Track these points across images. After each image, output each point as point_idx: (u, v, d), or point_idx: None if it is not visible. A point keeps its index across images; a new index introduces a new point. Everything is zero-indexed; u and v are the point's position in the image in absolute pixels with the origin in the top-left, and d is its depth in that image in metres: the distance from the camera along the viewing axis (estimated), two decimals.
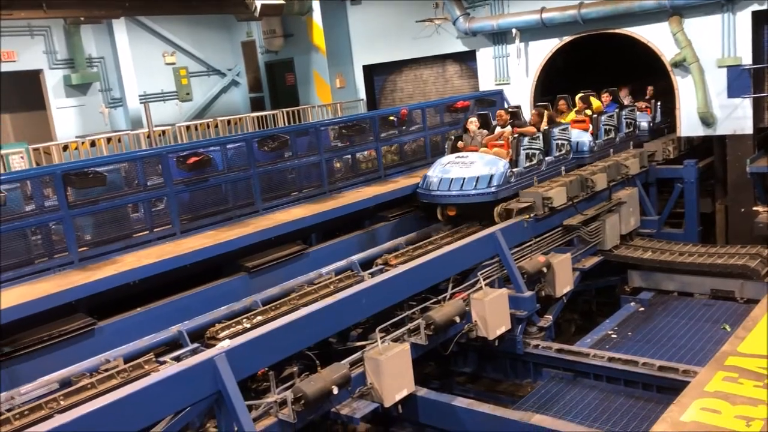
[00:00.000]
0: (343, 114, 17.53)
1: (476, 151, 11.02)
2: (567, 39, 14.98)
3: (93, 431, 5.02)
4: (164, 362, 6.58)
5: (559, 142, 11.65)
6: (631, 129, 13.80)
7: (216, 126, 16.42)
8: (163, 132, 15.66)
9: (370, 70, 19.12)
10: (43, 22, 16.95)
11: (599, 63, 16.11)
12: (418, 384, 7.38)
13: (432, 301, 8.24)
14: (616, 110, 13.49)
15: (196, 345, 7.05)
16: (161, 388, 5.47)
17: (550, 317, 9.62)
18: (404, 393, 7.12)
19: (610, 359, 8.45)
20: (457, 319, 7.91)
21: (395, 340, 7.47)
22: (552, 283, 9.58)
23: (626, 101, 14.72)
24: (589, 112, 12.84)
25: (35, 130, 17.47)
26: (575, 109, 13.02)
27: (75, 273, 7.78)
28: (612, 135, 13.07)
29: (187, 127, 15.94)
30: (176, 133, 15.65)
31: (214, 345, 6.55)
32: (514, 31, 15.26)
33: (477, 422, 7.07)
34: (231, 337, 6.35)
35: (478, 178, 10.10)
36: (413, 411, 7.39)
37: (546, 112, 12.16)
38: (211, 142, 11.25)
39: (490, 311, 8.31)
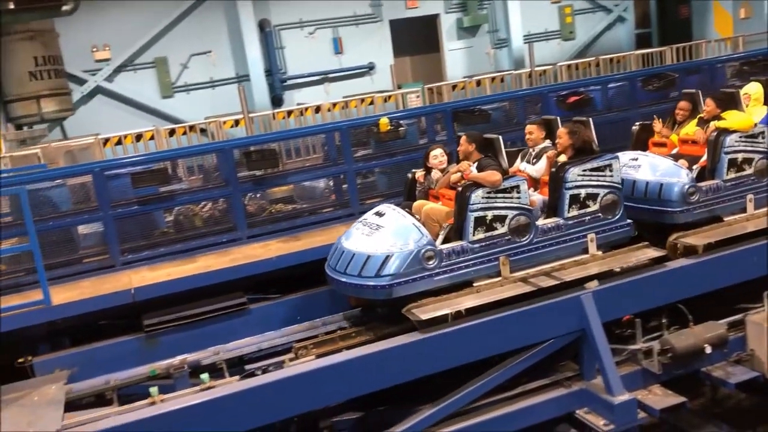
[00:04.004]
0: (746, 49, 15.46)
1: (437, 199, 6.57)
2: None
3: (468, 344, 5.66)
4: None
5: None
6: None
7: (597, 65, 16.00)
8: (544, 71, 15.83)
9: None
10: None
11: None
12: None
13: None
14: None
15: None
16: (531, 316, 5.81)
17: None
18: None
19: None
20: None
21: None
22: None
23: None
24: (721, 123, 6.95)
25: (429, 70, 19.25)
26: (700, 114, 7.42)
27: None
28: None
29: (568, 66, 15.84)
30: (556, 73, 15.69)
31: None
32: None
33: None
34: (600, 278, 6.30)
35: (367, 257, 5.85)
36: None
37: (578, 132, 6.49)
38: (591, 81, 11.08)
39: None
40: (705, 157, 6.94)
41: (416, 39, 19.52)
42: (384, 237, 5.90)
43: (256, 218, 7.99)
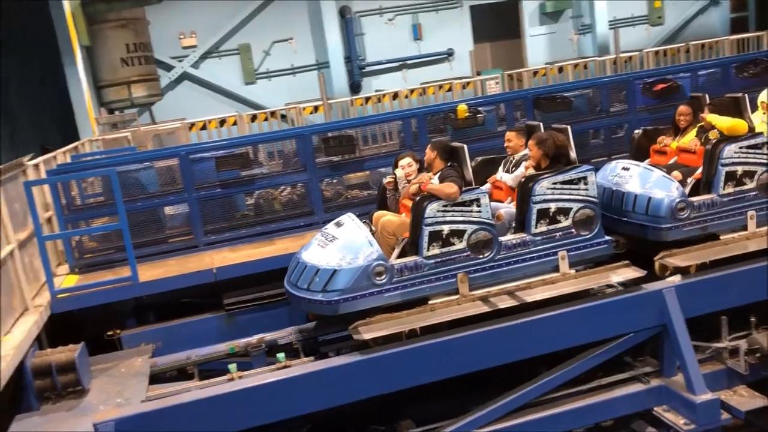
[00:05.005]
0: None
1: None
2: None
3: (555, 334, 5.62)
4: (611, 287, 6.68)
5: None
6: None
7: (687, 51, 15.35)
8: (629, 58, 15.34)
9: None
10: None
11: None
12: None
13: None
14: None
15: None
16: (609, 309, 5.69)
17: None
18: None
19: None
20: None
21: None
22: None
23: None
24: (710, 119, 6.56)
25: (510, 57, 18.93)
26: (700, 124, 6.90)
27: None
28: None
29: (656, 53, 15.27)
30: (643, 59, 15.15)
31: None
32: None
33: None
34: (682, 273, 6.08)
35: (317, 270, 5.61)
36: None
37: (547, 140, 6.04)
38: (680, 68, 10.66)
39: None
40: (701, 169, 6.37)
41: (497, 25, 19.21)
42: (335, 250, 5.64)
43: (333, 203, 8.11)
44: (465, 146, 6.03)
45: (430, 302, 5.65)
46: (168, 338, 6.57)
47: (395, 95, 14.27)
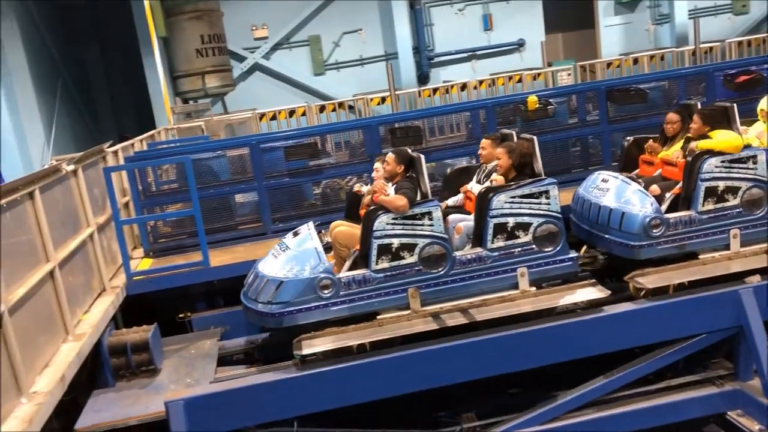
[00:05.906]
0: None
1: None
2: None
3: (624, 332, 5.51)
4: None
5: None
6: None
7: None
8: (710, 49, 14.74)
9: None
10: None
11: None
12: None
13: None
14: None
15: None
16: (682, 309, 5.52)
17: None
18: None
19: None
20: None
21: None
22: None
23: None
24: (703, 143, 5.91)
25: (583, 48, 18.47)
26: (687, 134, 6.30)
27: None
28: None
29: (739, 43, 14.61)
30: (725, 50, 14.53)
31: None
32: None
33: None
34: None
35: (266, 281, 5.49)
36: None
37: (516, 149, 5.81)
38: (765, 59, 10.17)
39: None
40: (681, 185, 5.90)
41: (569, 14, 18.79)
42: (284, 260, 5.53)
43: None
44: (422, 156, 5.81)
45: (379, 317, 5.48)
46: (236, 322, 6.74)
47: (464, 86, 14.17)
